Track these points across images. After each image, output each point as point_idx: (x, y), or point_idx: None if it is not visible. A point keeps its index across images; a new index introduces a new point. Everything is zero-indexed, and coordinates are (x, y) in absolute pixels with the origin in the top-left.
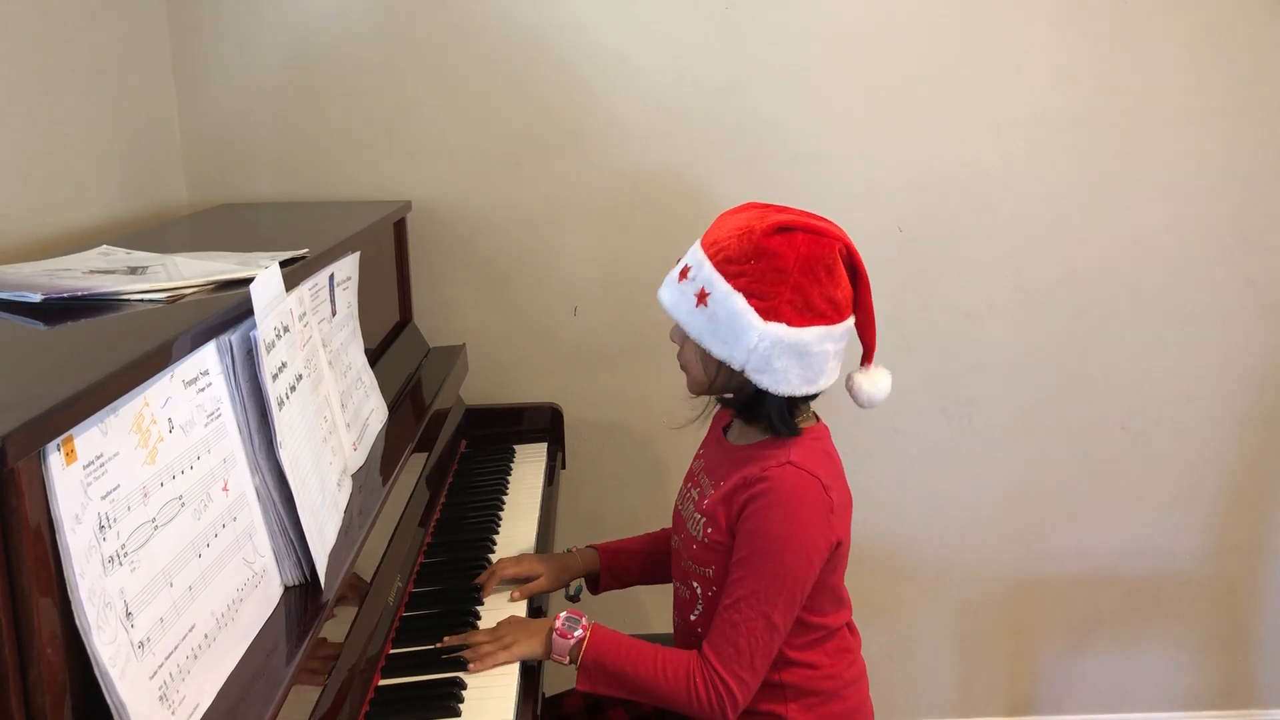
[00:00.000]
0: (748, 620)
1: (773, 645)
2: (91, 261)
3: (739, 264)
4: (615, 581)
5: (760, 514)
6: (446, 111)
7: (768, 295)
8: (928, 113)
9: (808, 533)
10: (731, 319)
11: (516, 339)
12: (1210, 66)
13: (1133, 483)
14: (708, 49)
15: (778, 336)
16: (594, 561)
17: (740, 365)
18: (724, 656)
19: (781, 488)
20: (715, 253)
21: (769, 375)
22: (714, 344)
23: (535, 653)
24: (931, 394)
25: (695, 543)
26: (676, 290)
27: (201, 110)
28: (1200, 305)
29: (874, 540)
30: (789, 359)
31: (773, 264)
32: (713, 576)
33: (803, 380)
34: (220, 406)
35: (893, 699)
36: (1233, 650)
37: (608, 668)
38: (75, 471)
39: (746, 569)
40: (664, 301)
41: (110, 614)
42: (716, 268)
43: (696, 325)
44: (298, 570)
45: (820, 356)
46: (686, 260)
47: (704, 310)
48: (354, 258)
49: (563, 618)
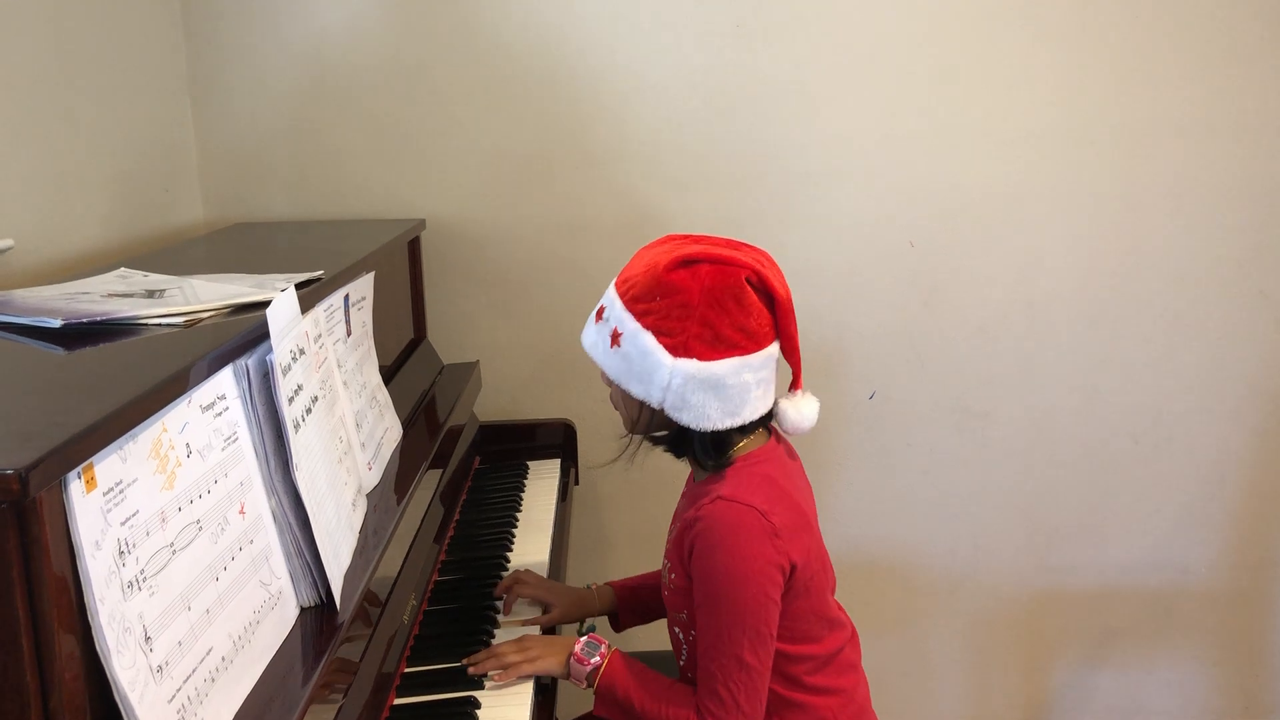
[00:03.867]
0: (721, 668)
1: (753, 684)
2: (110, 284)
3: (645, 302)
4: (637, 618)
5: (702, 555)
6: (460, 129)
7: (675, 331)
8: (938, 128)
9: (752, 565)
10: (643, 357)
11: (529, 355)
12: (1221, 79)
13: (1146, 496)
14: (718, 67)
15: (689, 373)
16: (611, 601)
17: (658, 404)
18: (711, 710)
19: (714, 524)
20: (625, 291)
21: (687, 412)
22: (631, 384)
23: (555, 671)
24: (944, 408)
25: (667, 588)
26: (594, 332)
27: (217, 129)
28: (1213, 318)
29: (886, 553)
30: (705, 394)
31: (677, 299)
32: (687, 620)
33: (723, 413)
34: (237, 430)
35: (905, 714)
36: (1249, 663)
37: (619, 698)
38: (95, 499)
39: (705, 613)
40: (584, 343)
41: (129, 639)
42: (626, 306)
43: (613, 366)
44: (314, 591)
45: (739, 388)
46: (603, 300)
47: (618, 351)
48: (369, 278)
49: (583, 643)
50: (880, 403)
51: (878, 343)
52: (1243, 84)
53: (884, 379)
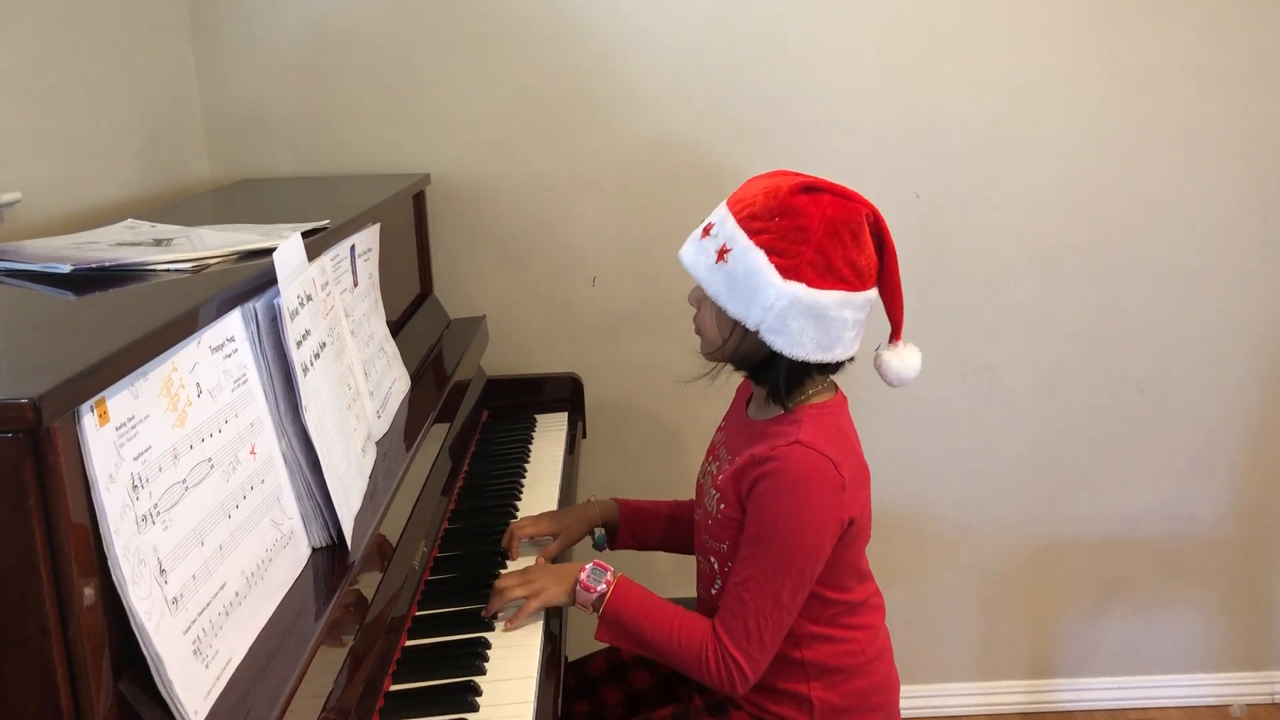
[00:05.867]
0: (756, 599)
1: (782, 622)
2: (118, 235)
3: (763, 220)
4: (633, 540)
5: (769, 494)
6: (466, 84)
7: (789, 253)
8: (944, 78)
9: (817, 513)
10: (750, 275)
11: (536, 310)
12: (1229, 25)
13: (1152, 446)
14: (722, 18)
15: (795, 296)
16: (613, 513)
17: (755, 324)
18: (734, 634)
19: (789, 468)
20: (740, 209)
21: (784, 336)
22: (730, 302)
23: (562, 600)
24: (950, 359)
25: (711, 518)
26: (697, 247)
27: (222, 86)
28: (1219, 267)
29: (894, 506)
30: (805, 321)
31: (796, 222)
32: (727, 552)
33: (817, 346)
34: (246, 372)
35: (914, 663)
36: (1253, 612)
37: (626, 625)
38: (108, 432)
39: (755, 547)
40: (684, 259)
41: (145, 570)
42: (740, 224)
43: (714, 282)
44: (325, 533)
45: (838, 323)
46: (711, 218)
47: (723, 267)
48: (374, 229)
49: (589, 569)
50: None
51: None
52: (1251, 32)
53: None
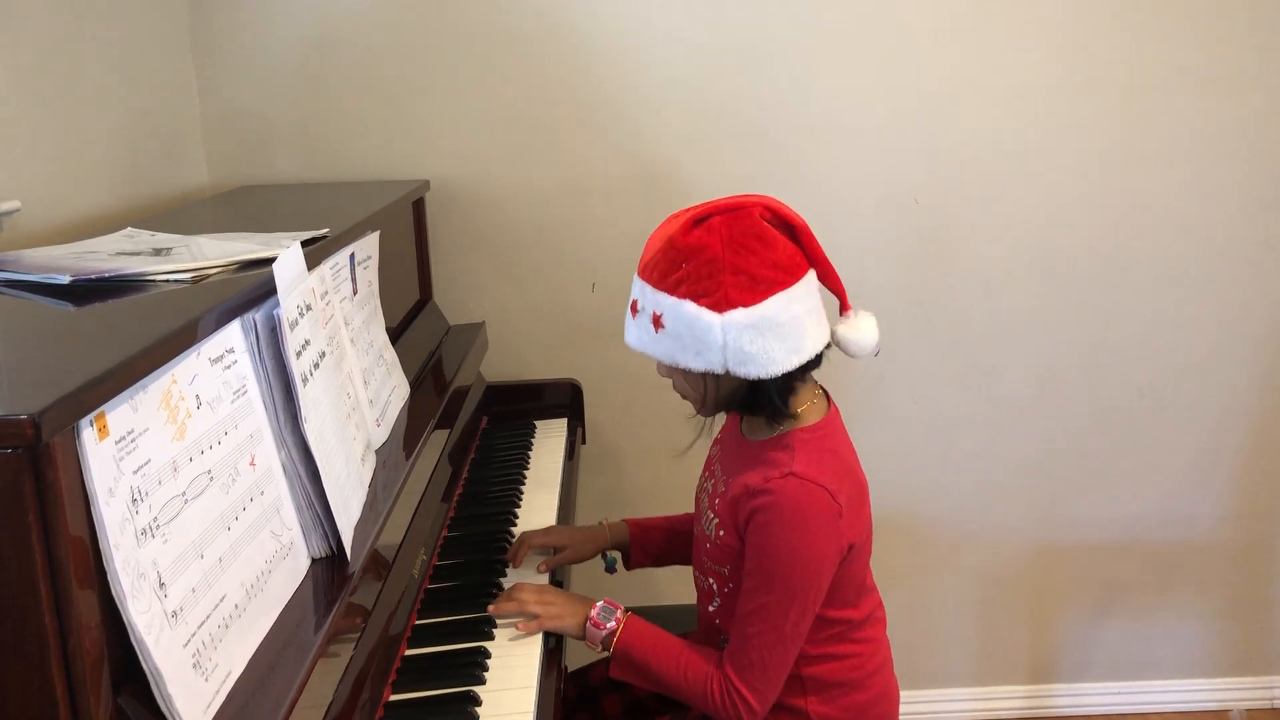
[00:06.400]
0: (760, 634)
1: (787, 654)
2: (117, 243)
3: (673, 274)
4: (648, 558)
5: (766, 529)
6: (465, 90)
7: (711, 289)
8: (944, 84)
9: (815, 545)
10: (690, 327)
11: (536, 315)
12: (1227, 30)
13: (1151, 450)
14: (724, 24)
15: (740, 323)
16: (624, 535)
17: (721, 367)
18: (739, 667)
19: (785, 501)
20: (649, 274)
21: (752, 363)
22: (689, 359)
23: (572, 631)
24: (949, 363)
25: (709, 541)
26: (635, 327)
27: (221, 93)
28: (1218, 270)
29: (893, 510)
30: (763, 338)
31: (703, 258)
32: (728, 575)
33: (788, 353)
34: (246, 383)
35: (913, 668)
36: (1253, 617)
37: (635, 661)
38: (108, 446)
39: (756, 581)
40: (630, 343)
41: (144, 584)
42: (655, 287)
43: (665, 350)
44: (324, 543)
45: (793, 322)
46: (633, 295)
47: (665, 333)
48: (374, 237)
49: (599, 607)
50: (886, 360)
51: (884, 300)
52: (1248, 36)
53: (890, 336)
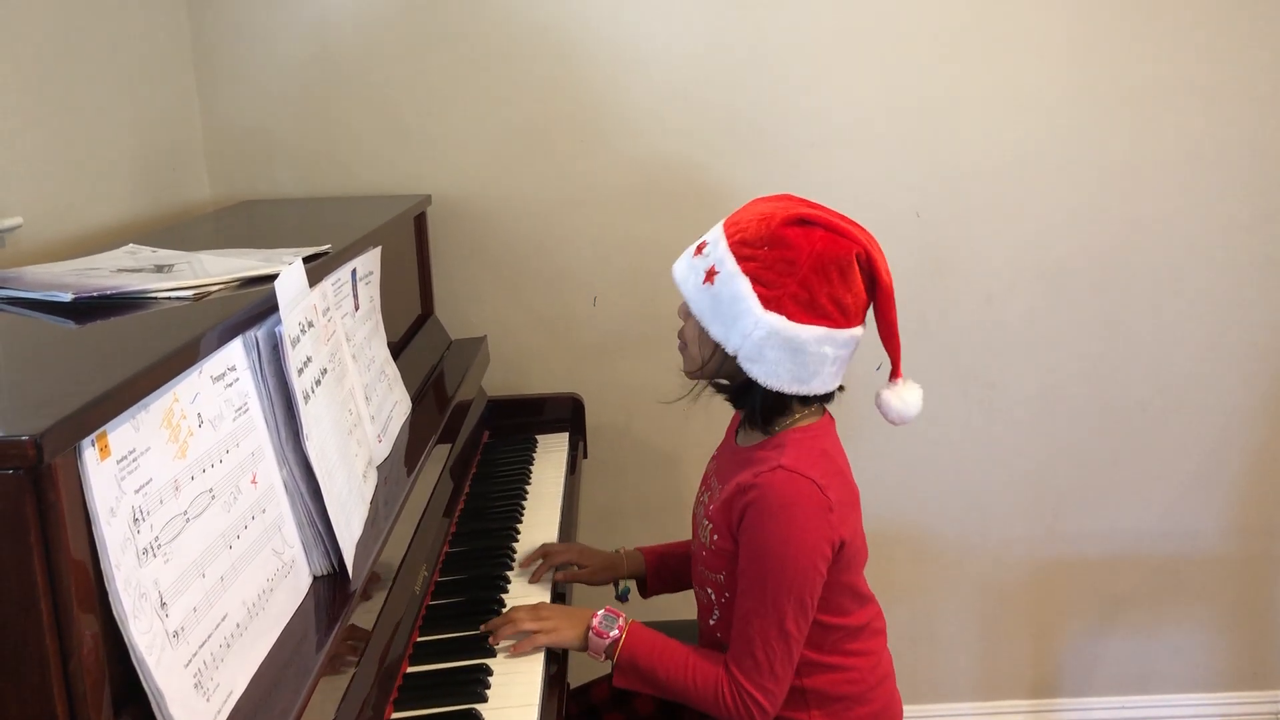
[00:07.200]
0: (760, 632)
1: (790, 651)
2: (119, 260)
3: (752, 247)
4: (664, 586)
5: (756, 523)
6: (466, 105)
7: (773, 284)
8: (945, 98)
9: (805, 535)
10: (733, 301)
11: (537, 330)
12: (1229, 45)
13: (1154, 464)
14: (724, 36)
15: (774, 327)
16: (640, 566)
17: (734, 350)
18: (745, 669)
19: (773, 493)
20: (733, 233)
21: (760, 365)
22: (712, 324)
23: (572, 644)
24: (951, 377)
25: (705, 549)
26: (688, 264)
27: (222, 107)
28: (1221, 284)
29: (894, 524)
30: (782, 353)
31: (784, 254)
32: (724, 582)
33: (793, 378)
34: (247, 401)
35: (915, 682)
36: (1257, 631)
37: (641, 669)
38: (109, 466)
39: (751, 578)
40: (675, 273)
41: (145, 604)
42: (730, 248)
43: (699, 302)
44: (326, 560)
45: (817, 358)
46: (706, 236)
47: (709, 288)
48: (375, 252)
49: (600, 616)
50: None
51: None
52: (1250, 51)
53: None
